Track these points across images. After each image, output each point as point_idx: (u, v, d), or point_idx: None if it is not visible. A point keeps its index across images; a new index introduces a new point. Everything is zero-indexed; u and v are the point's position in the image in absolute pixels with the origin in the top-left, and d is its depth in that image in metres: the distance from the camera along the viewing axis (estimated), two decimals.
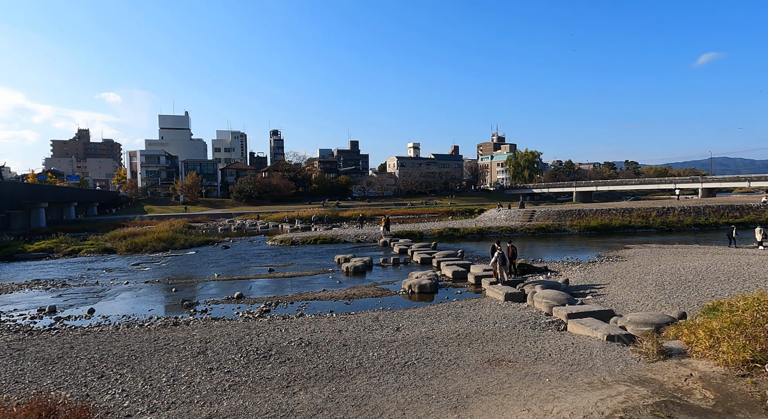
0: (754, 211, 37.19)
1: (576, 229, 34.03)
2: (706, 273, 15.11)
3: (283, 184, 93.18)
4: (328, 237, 31.70)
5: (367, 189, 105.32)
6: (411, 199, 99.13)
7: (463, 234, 32.93)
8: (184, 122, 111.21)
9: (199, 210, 76.24)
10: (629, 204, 45.45)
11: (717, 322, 8.01)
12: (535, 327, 10.25)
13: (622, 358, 7.95)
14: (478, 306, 12.41)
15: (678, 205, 39.49)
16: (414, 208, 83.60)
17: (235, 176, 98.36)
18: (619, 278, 15.19)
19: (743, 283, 13.22)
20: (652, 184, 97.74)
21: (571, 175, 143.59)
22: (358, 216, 42.05)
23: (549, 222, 34.75)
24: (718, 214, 36.50)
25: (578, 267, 18.10)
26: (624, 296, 12.81)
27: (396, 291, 15.04)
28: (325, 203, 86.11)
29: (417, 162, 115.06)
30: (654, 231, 34.55)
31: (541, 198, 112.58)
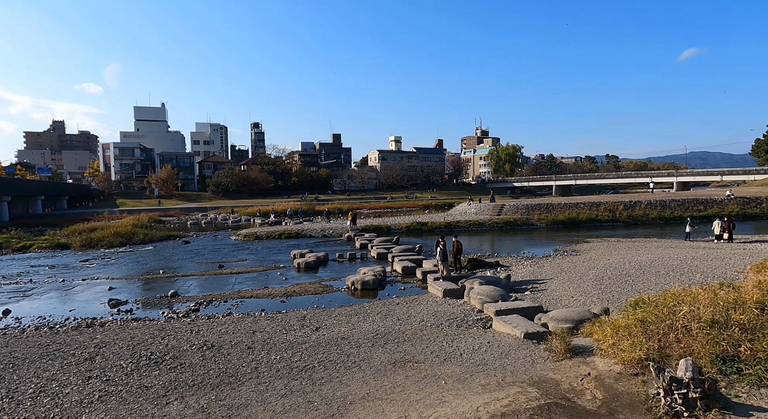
0: (717, 205, 37.81)
1: (543, 223, 34.16)
2: (649, 267, 15.15)
3: (262, 177, 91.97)
4: (294, 232, 31.23)
5: (347, 182, 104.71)
6: (392, 193, 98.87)
7: (431, 228, 32.77)
8: (160, 114, 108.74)
9: (173, 204, 74.79)
10: (597, 198, 45.92)
11: (623, 319, 7.90)
12: (461, 325, 10.05)
13: (532, 357, 7.78)
14: (414, 303, 12.19)
15: (645, 198, 39.96)
16: (393, 201, 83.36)
17: (212, 169, 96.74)
18: (565, 273, 15.13)
19: (680, 277, 13.25)
20: (628, 178, 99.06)
21: (552, 169, 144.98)
22: (325, 211, 41.44)
23: (517, 216, 34.82)
24: (683, 208, 37.03)
25: (530, 262, 18.04)
26: (561, 291, 12.72)
27: (339, 288, 14.75)
28: (303, 197, 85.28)
29: (398, 155, 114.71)
30: (620, 225, 34.87)
31: (522, 191, 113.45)
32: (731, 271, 13.77)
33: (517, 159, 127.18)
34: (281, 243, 28.01)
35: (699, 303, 8.25)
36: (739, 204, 38.04)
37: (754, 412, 5.34)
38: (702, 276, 13.41)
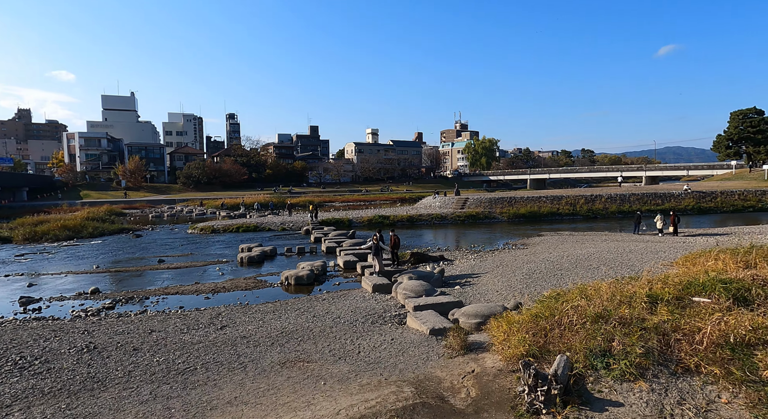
0: (675, 199, 38.71)
1: (505, 217, 34.36)
2: (584, 261, 15.25)
3: (235, 169, 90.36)
4: (252, 225, 30.64)
5: (323, 175, 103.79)
6: (368, 186, 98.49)
7: (393, 221, 32.59)
8: (129, 103, 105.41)
9: (141, 196, 72.81)
10: (559, 192, 46.50)
11: (519, 315, 7.80)
12: (377, 321, 9.85)
13: (429, 354, 7.62)
14: (340, 298, 11.94)
15: (606, 192, 40.64)
16: (368, 194, 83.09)
17: (184, 161, 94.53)
18: (502, 267, 15.11)
19: (608, 271, 13.35)
20: (600, 172, 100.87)
21: (528, 163, 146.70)
22: (287, 204, 40.81)
23: (479, 210, 34.95)
24: (641, 202, 37.76)
25: (475, 256, 18.00)
26: (490, 286, 12.66)
27: (273, 284, 14.40)
28: (277, 189, 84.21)
29: (375, 148, 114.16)
30: (580, 218, 35.36)
31: (498, 185, 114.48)
32: (659, 264, 13.94)
33: (493, 152, 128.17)
34: (237, 236, 27.42)
35: (600, 297, 8.25)
36: (695, 198, 39.02)
37: (609, 407, 5.28)
38: (629, 269, 13.55)
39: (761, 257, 12.35)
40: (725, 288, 8.57)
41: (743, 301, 8.29)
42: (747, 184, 49.42)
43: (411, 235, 27.45)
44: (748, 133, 62.87)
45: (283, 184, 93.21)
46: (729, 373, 5.73)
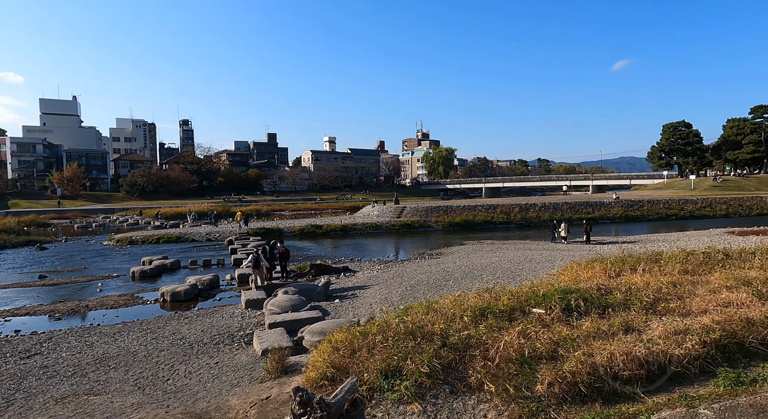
0: (605, 207, 40.18)
1: (440, 225, 34.50)
2: (479, 270, 15.23)
3: (184, 177, 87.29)
4: (174, 236, 29.27)
5: (278, 183, 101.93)
6: (323, 194, 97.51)
7: (325, 231, 32.02)
8: (71, 108, 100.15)
9: (78, 205, 68.82)
10: (495, 200, 47.41)
11: (343, 333, 7.43)
12: (224, 341, 9.24)
13: (242, 379, 7.10)
14: (206, 316, 11.25)
15: (540, 201, 41.71)
16: (321, 203, 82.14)
17: (129, 168, 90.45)
18: (397, 277, 14.86)
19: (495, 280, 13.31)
20: (550, 181, 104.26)
21: (486, 172, 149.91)
22: (212, 213, 39.36)
23: (415, 219, 34.95)
24: (573, 210, 38.93)
25: (381, 267, 17.70)
26: (370, 298, 12.32)
27: (149, 301, 13.49)
28: (227, 198, 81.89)
29: (332, 156, 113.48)
30: (514, 227, 36.00)
31: (455, 193, 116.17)
32: (545, 273, 14.07)
33: (451, 161, 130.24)
34: (153, 248, 26.03)
35: (442, 310, 8.05)
36: (623, 207, 40.65)
37: None
38: (515, 278, 13.58)
39: (629, 265, 12.67)
40: (561, 298, 8.56)
41: (573, 311, 8.30)
42: (674, 193, 52.17)
43: (335, 245, 26.98)
44: (678, 145, 66.68)
45: (235, 192, 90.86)
46: (504, 390, 5.53)
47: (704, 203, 43.41)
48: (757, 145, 62.94)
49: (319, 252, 23.87)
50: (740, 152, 64.18)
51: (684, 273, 11.72)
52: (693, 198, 45.09)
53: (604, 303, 8.77)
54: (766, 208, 44.91)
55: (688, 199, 44.11)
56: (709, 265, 12.33)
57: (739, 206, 44.11)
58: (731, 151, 65.18)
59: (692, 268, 12.08)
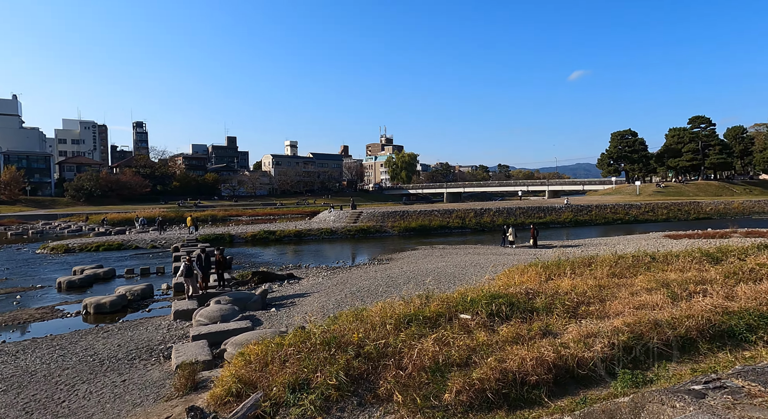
0: (556, 212, 41.55)
1: (396, 230, 34.55)
2: (423, 275, 15.25)
3: (136, 181, 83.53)
4: (116, 243, 27.77)
5: (237, 188, 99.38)
6: (283, 199, 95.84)
7: (279, 237, 31.34)
8: (11, 107, 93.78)
9: (17, 211, 64.32)
10: (451, 206, 48.16)
11: (260, 345, 7.14)
12: (141, 356, 8.69)
13: (146, 398, 6.66)
14: (130, 329, 10.60)
15: (495, 206, 42.67)
16: (282, 208, 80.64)
17: (75, 171, 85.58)
18: (341, 284, 14.64)
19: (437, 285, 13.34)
20: (509, 186, 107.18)
21: (448, 177, 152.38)
22: (158, 219, 37.80)
23: (371, 224, 34.85)
24: (526, 215, 40.01)
25: (328, 273, 17.42)
26: (310, 306, 12.04)
27: (70, 313, 12.61)
28: (182, 203, 78.99)
29: (294, 160, 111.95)
30: (469, 231, 36.58)
31: (417, 198, 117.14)
32: (485, 278, 14.26)
33: (414, 167, 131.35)
34: (91, 256, 24.56)
35: (370, 319, 7.90)
36: (573, 211, 42.21)
37: None
38: (456, 283, 13.67)
39: (563, 269, 13.01)
40: (488, 304, 8.62)
41: (498, 316, 8.36)
42: (621, 198, 54.77)
43: (287, 251, 26.44)
44: (625, 152, 70.30)
45: (191, 197, 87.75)
46: (412, 400, 5.43)
47: (647, 208, 45.78)
48: (695, 153, 67.36)
49: (268, 258, 23.29)
50: (680, 160, 68.45)
51: (612, 276, 12.14)
52: (637, 203, 47.49)
53: (529, 308, 8.91)
54: (703, 212, 47.93)
55: (633, 204, 46.40)
56: (636, 268, 12.84)
57: (679, 211, 46.84)
58: (672, 159, 69.42)
59: (620, 271, 12.54)
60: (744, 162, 74.08)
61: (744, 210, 49.65)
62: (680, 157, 69.01)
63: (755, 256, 13.15)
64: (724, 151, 66.94)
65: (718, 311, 8.21)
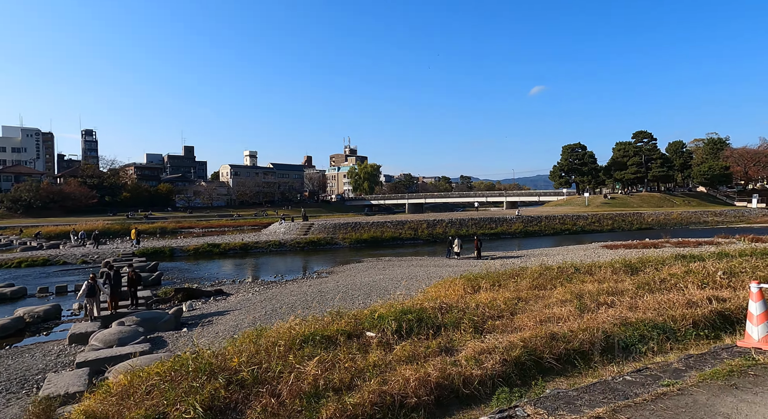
0: (507, 223, 42.38)
1: (347, 242, 34.11)
2: (357, 289, 14.92)
3: (81, 192, 79.14)
4: (41, 259, 25.83)
5: (193, 199, 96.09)
6: (242, 210, 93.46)
7: (224, 250, 30.18)
8: None
9: None
10: (404, 217, 48.43)
11: (126, 374, 6.53)
12: (9, 388, 7.82)
13: None
14: (10, 356, 9.61)
15: (447, 217, 43.10)
16: (239, 219, 78.48)
17: (13, 181, 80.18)
18: (267, 301, 14.05)
19: (365, 300, 13.04)
20: (468, 197, 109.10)
21: (410, 188, 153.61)
22: (93, 233, 35.65)
23: (322, 236, 34.27)
24: (478, 226, 40.57)
25: (260, 288, 16.76)
26: (225, 325, 11.40)
27: None
28: (131, 215, 75.43)
29: (254, 171, 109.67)
30: (422, 243, 36.61)
31: (380, 209, 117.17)
32: (417, 290, 14.09)
33: (376, 177, 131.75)
34: (8, 273, 22.68)
35: (270, 338, 7.47)
36: (523, 222, 43.20)
37: None
38: (384, 297, 13.39)
39: (489, 281, 13.00)
40: (397, 320, 8.36)
41: (405, 333, 8.12)
42: (571, 209, 56.71)
43: (229, 265, 25.43)
44: (575, 165, 73.26)
45: (143, 208, 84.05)
46: None
47: (594, 219, 47.56)
48: (639, 166, 71.10)
49: (204, 273, 22.27)
50: (626, 172, 72.04)
51: (534, 288, 12.21)
52: (584, 214, 49.27)
53: (438, 323, 8.70)
54: (645, 223, 50.27)
55: (581, 215, 48.09)
56: (559, 280, 12.99)
57: (623, 221, 48.92)
58: (619, 172, 72.96)
59: (542, 283, 12.63)
60: (684, 175, 78.82)
61: (682, 221, 52.48)
62: (626, 170, 72.60)
63: (669, 267, 13.64)
64: (665, 165, 70.99)
65: (617, 322, 8.28)
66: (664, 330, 7.52)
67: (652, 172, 70.83)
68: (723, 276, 12.27)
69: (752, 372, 4.62)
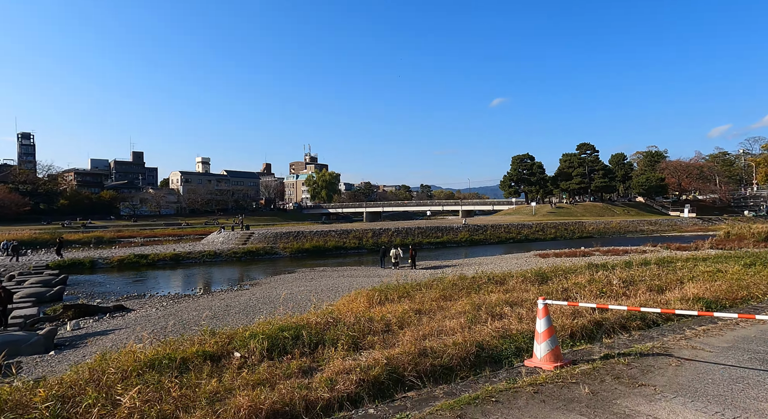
0: (453, 232, 42.75)
1: (288, 252, 33.20)
2: (270, 302, 14.23)
3: (12, 198, 73.67)
4: None
5: (139, 207, 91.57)
6: (192, 219, 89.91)
7: (152, 261, 28.51)
8: None
9: None
10: (349, 226, 48.06)
11: None
12: None
13: None
14: None
15: (393, 226, 43.00)
16: (186, 228, 75.44)
17: None
18: (165, 317, 13.09)
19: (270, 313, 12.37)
20: (426, 206, 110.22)
21: (370, 196, 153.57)
22: (11, 243, 33.02)
23: (261, 245, 33.18)
24: (424, 235, 40.67)
25: (167, 303, 15.70)
26: (104, 347, 10.43)
27: None
28: (68, 223, 70.86)
29: (206, 178, 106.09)
30: (366, 252, 36.18)
31: (338, 217, 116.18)
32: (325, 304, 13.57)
33: (335, 186, 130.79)
34: None
35: (115, 363, 6.67)
36: (469, 231, 43.73)
37: None
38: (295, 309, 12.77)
39: (400, 293, 12.67)
40: (273, 337, 7.79)
41: (281, 352, 7.56)
42: (518, 218, 58.15)
43: (147, 278, 23.94)
44: (524, 175, 75.65)
45: (83, 216, 79.18)
46: None
47: (538, 227, 48.88)
48: (583, 177, 74.38)
49: (115, 287, 20.79)
50: (571, 183, 75.14)
51: (442, 298, 11.98)
52: (529, 223, 50.59)
53: (317, 340, 8.22)
54: (586, 231, 52.22)
55: (525, 224, 49.32)
56: (470, 290, 12.85)
57: (565, 230, 50.59)
58: (564, 182, 75.99)
59: (451, 293, 12.44)
60: (626, 185, 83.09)
61: (620, 230, 54.96)
62: (571, 180, 75.67)
63: (577, 276, 13.85)
64: (606, 176, 74.56)
65: (498, 335, 8.08)
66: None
67: (595, 182, 74.16)
68: (622, 284, 12.55)
69: (494, 399, 4.44)
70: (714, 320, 7.75)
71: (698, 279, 13.00)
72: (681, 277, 13.41)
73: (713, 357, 5.29)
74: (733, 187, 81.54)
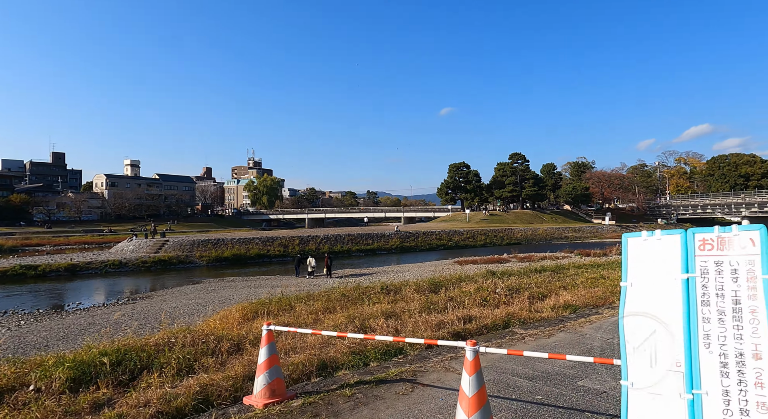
0: (385, 239, 42.57)
1: (205, 261, 31.36)
2: (142, 318, 12.96)
3: None
4: None
5: (56, 212, 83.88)
6: (118, 225, 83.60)
7: (43, 272, 25.73)
8: None
9: None
10: (275, 233, 46.78)
11: None
12: None
13: None
14: None
15: (323, 233, 42.16)
16: (109, 235, 70.10)
17: None
18: (16, 338, 11.51)
19: (139, 328, 11.17)
20: (369, 212, 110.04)
21: (315, 203, 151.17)
22: None
23: (175, 254, 31.11)
24: (354, 242, 40.14)
25: (27, 320, 13.96)
26: None
27: None
28: None
29: (135, 182, 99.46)
30: (290, 260, 34.98)
31: (280, 223, 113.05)
32: (204, 318, 12.57)
33: (277, 191, 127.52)
34: None
35: None
36: (401, 238, 43.76)
37: None
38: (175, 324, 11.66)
39: (281, 305, 11.97)
40: (83, 365, 6.73)
41: (88, 382, 6.52)
42: (452, 225, 59.22)
43: (23, 293, 21.45)
44: (460, 183, 77.61)
45: None
46: None
47: (469, 234, 49.94)
48: (515, 185, 77.56)
49: None
50: (504, 191, 78.09)
51: (324, 310, 11.44)
52: (460, 230, 51.60)
53: (146, 365, 7.28)
54: (515, 238, 54.08)
55: (457, 231, 50.24)
56: (357, 300, 12.38)
57: (495, 237, 52.08)
58: (498, 190, 78.82)
59: (334, 305, 11.92)
60: (555, 194, 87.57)
61: (547, 236, 57.51)
62: (504, 188, 78.60)
63: (467, 284, 13.82)
64: (537, 184, 78.19)
65: (349, 351, 7.57)
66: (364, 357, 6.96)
67: (526, 191, 77.49)
68: (508, 292, 12.60)
69: None
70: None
71: (579, 286, 13.39)
72: (566, 284, 13.76)
73: (455, 381, 4.82)
74: (650, 197, 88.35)
